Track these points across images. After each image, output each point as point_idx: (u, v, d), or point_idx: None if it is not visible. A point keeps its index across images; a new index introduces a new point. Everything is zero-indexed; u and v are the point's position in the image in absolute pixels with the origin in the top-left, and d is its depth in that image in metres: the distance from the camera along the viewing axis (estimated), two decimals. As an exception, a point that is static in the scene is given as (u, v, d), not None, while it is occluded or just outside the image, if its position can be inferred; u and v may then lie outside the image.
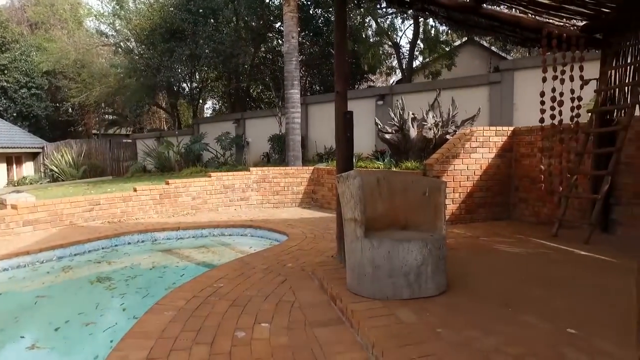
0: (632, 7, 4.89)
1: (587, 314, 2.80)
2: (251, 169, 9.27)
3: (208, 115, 26.57)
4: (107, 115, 26.49)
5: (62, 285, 4.87)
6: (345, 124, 3.82)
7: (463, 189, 6.14)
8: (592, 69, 5.45)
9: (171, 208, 7.99)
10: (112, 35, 20.02)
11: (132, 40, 18.68)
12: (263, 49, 18.67)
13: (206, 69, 18.74)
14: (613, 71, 5.38)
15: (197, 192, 8.38)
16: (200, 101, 23.93)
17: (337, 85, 3.94)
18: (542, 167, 5.47)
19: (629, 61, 5.18)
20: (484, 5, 5.23)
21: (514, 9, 5.51)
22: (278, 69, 16.52)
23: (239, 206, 8.84)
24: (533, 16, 5.51)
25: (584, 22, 5.49)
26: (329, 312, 3.20)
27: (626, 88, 5.17)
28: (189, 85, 20.40)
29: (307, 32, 17.46)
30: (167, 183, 8.12)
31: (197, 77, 20.21)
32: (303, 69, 17.86)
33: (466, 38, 16.11)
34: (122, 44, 19.50)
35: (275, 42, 18.36)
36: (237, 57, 16.04)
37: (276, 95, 15.75)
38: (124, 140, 22.93)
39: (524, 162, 6.35)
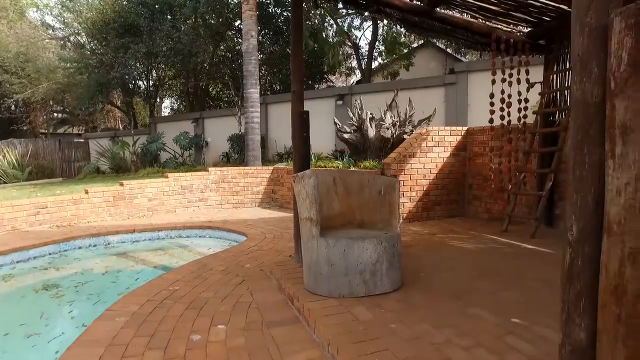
0: (569, 16, 5.20)
1: (530, 303, 2.97)
2: (210, 169, 9.10)
3: (166, 114, 25.83)
4: (56, 114, 25.11)
5: (1, 296, 4.57)
6: (301, 124, 3.83)
7: (420, 188, 6.31)
8: (537, 73, 5.76)
9: (126, 210, 7.71)
10: (60, 28, 18.99)
11: (83, 34, 17.81)
12: (222, 47, 18.36)
13: (163, 66, 18.19)
14: (554, 75, 5.71)
15: (154, 194, 8.14)
16: (158, 100, 23.19)
17: (294, 85, 3.95)
18: (492, 165, 5.72)
19: (567, 66, 5.52)
20: (437, 9, 5.41)
21: (465, 14, 5.72)
22: (238, 68, 16.30)
23: (198, 207, 8.66)
24: (483, 21, 5.75)
25: (529, 29, 5.78)
26: (286, 312, 3.20)
27: (566, 91, 5.51)
28: (145, 83, 19.73)
29: (267, 31, 17.34)
30: (122, 184, 7.83)
31: (154, 74, 19.58)
32: (263, 68, 17.72)
33: (423, 40, 16.55)
34: (71, 37, 18.52)
35: (234, 40, 18.11)
36: (196, 56, 15.69)
37: (236, 94, 15.54)
38: (76, 140, 21.84)
39: (477, 160, 6.61)
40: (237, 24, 16.76)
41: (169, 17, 15.98)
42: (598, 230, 1.12)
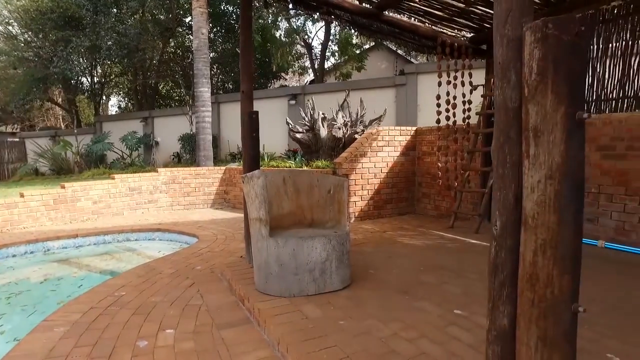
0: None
1: (471, 295, 3.13)
2: (160, 169, 8.81)
3: (113, 113, 24.67)
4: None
5: None
6: (251, 124, 3.82)
7: (371, 186, 6.46)
8: (480, 76, 6.07)
9: (68, 214, 7.31)
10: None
11: (15, 24, 16.59)
12: (172, 44, 17.82)
13: (109, 62, 17.38)
14: (494, 78, 6.04)
15: (99, 196, 7.77)
16: (104, 98, 22.11)
17: (243, 84, 3.92)
18: (439, 164, 5.97)
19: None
20: (386, 12, 5.56)
21: (412, 18, 5.92)
22: (188, 66, 15.89)
23: (147, 209, 8.36)
24: (429, 25, 5.97)
25: (472, 34, 6.08)
26: (237, 313, 3.18)
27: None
28: (89, 79, 18.74)
29: (219, 28, 17.03)
30: (63, 187, 7.40)
31: (99, 71, 18.66)
32: (215, 66, 17.39)
33: (375, 42, 16.89)
34: (0, 27, 17.18)
35: (185, 37, 17.63)
36: (144, 52, 15.12)
37: (187, 93, 15.14)
38: (10, 140, 20.25)
39: (426, 159, 6.86)
40: (187, 20, 16.34)
41: (114, 10, 15.27)
42: (518, 225, 1.22)
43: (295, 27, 16.18)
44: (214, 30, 17.03)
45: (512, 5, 1.20)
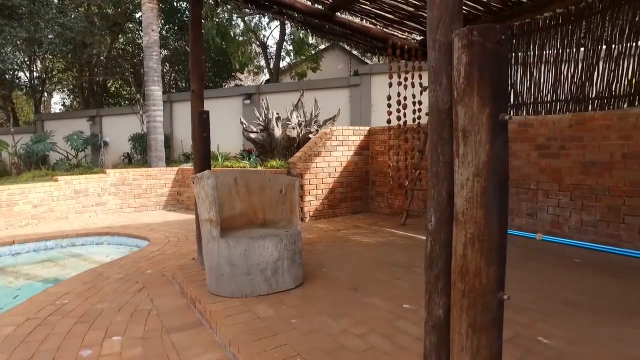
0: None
1: (420, 289, 3.20)
2: (108, 170, 8.44)
3: (57, 111, 23.31)
4: None
5: None
6: (201, 124, 3.75)
7: (325, 186, 6.53)
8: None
9: (3, 219, 6.84)
10: None
11: None
12: (122, 39, 17.10)
13: (51, 57, 16.38)
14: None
15: (41, 199, 7.33)
16: (45, 95, 20.82)
17: (193, 84, 3.85)
18: (391, 163, 6.13)
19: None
20: (338, 13, 5.64)
21: (364, 20, 6.04)
22: (139, 63, 15.30)
23: (95, 212, 7.99)
24: (380, 28, 6.12)
25: (421, 37, 6.29)
26: (188, 316, 3.13)
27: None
28: (27, 74, 17.58)
29: (171, 25, 16.55)
30: (-2, 190, 6.92)
31: (39, 65, 17.55)
32: (167, 64, 16.89)
33: (330, 42, 17.05)
34: None
35: (135, 33, 16.97)
36: (91, 47, 14.37)
37: (137, 91, 14.57)
38: None
39: (379, 158, 7.02)
40: (138, 16, 15.74)
41: (55, 0, 14.37)
42: (450, 220, 1.29)
43: (250, 26, 16.02)
44: (167, 27, 16.52)
45: (443, 13, 1.27)
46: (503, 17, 5.29)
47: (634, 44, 4.45)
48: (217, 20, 15.13)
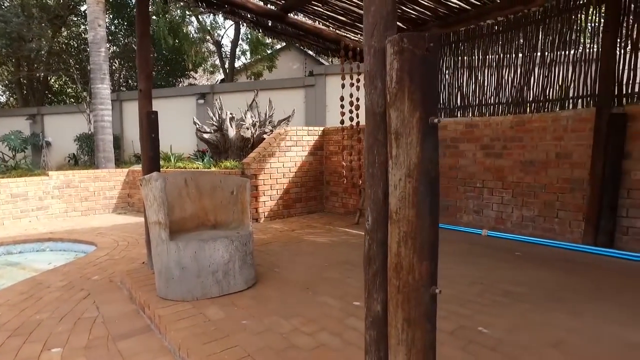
0: (401, 31, 5.96)
1: (369, 286, 3.33)
2: (51, 173, 7.99)
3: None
4: None
5: None
6: (149, 124, 3.65)
7: (280, 186, 6.53)
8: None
9: None
10: None
11: None
12: (65, 33, 16.19)
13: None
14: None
15: (-28, 204, 6.83)
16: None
17: (141, 83, 3.73)
18: (344, 163, 6.23)
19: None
20: (290, 14, 5.65)
21: (317, 21, 6.09)
22: (86, 59, 14.57)
23: (36, 217, 7.53)
24: (333, 29, 6.20)
25: (372, 39, 6.43)
26: (136, 322, 3.03)
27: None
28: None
29: (120, 20, 15.89)
30: None
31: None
32: (117, 61, 16.21)
33: (285, 42, 17.01)
34: None
35: (81, 27, 16.14)
36: (31, 41, 13.51)
37: (83, 89, 13.88)
38: None
39: (333, 159, 7.10)
40: (83, 9, 14.97)
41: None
42: (386, 219, 1.35)
43: (204, 24, 15.69)
44: (115, 22, 15.85)
45: (378, 20, 1.32)
46: (450, 23, 5.52)
47: (563, 52, 4.79)
48: (169, 17, 14.70)
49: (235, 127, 7.47)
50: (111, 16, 15.69)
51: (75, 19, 15.73)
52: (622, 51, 4.32)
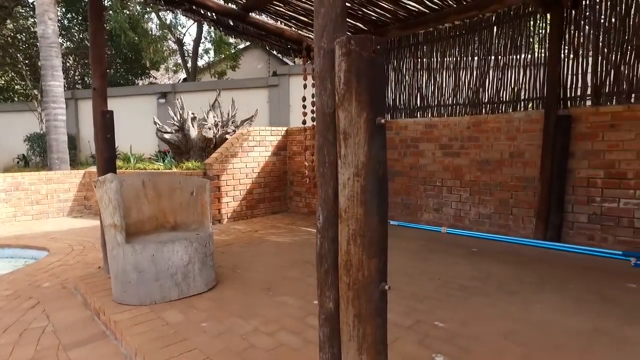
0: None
1: (331, 285, 3.36)
2: (-3, 175, 7.55)
3: None
4: None
5: None
6: (104, 124, 3.53)
7: (243, 187, 6.47)
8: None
9: None
10: None
11: None
12: (11, 26, 15.28)
13: None
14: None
15: None
16: None
17: (95, 81, 3.60)
18: (307, 163, 6.25)
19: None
20: (252, 14, 5.61)
21: (279, 21, 6.08)
22: (36, 55, 13.85)
23: (-19, 222, 7.11)
24: (295, 30, 6.20)
25: (335, 40, 6.49)
26: (91, 329, 2.92)
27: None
28: None
29: (74, 15, 15.21)
30: None
31: None
32: (71, 57, 15.51)
33: (248, 42, 16.85)
34: None
35: (30, 20, 15.30)
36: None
37: (34, 86, 13.19)
38: None
39: (296, 159, 7.11)
40: (31, 0, 14.20)
41: None
42: (337, 218, 1.37)
43: (165, 21, 15.29)
44: (69, 16, 15.16)
45: (327, 22, 1.34)
46: (409, 25, 5.65)
47: (515, 56, 5.02)
48: (128, 12, 14.22)
49: (197, 127, 7.34)
50: (63, 9, 15.00)
51: (23, 11, 14.90)
52: (567, 57, 4.57)
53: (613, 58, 4.25)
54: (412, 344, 2.37)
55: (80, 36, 15.53)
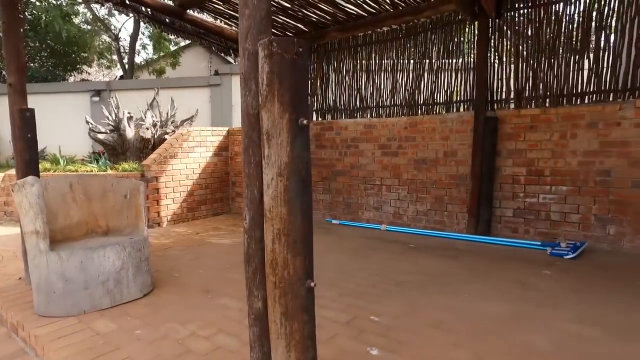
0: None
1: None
2: None
3: None
4: None
5: None
6: (24, 124, 3.28)
7: (183, 188, 6.28)
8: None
9: None
10: None
11: None
12: None
13: None
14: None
15: None
16: None
17: (10, 76, 3.33)
18: (250, 163, 6.19)
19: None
20: (190, 11, 5.48)
21: (218, 20, 5.98)
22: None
23: None
24: (235, 29, 6.13)
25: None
26: (7, 347, 2.71)
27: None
28: None
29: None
30: None
31: None
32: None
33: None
34: None
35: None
36: None
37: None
38: None
39: (238, 159, 7.01)
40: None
41: None
42: (263, 218, 1.39)
43: (97, 14, 14.46)
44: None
45: (252, 23, 1.35)
46: (348, 28, 5.78)
47: (448, 60, 5.30)
48: (57, 2, 13.28)
49: (134, 127, 7.02)
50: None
51: None
52: (493, 63, 4.90)
53: (531, 64, 4.62)
54: (348, 339, 2.44)
55: None
